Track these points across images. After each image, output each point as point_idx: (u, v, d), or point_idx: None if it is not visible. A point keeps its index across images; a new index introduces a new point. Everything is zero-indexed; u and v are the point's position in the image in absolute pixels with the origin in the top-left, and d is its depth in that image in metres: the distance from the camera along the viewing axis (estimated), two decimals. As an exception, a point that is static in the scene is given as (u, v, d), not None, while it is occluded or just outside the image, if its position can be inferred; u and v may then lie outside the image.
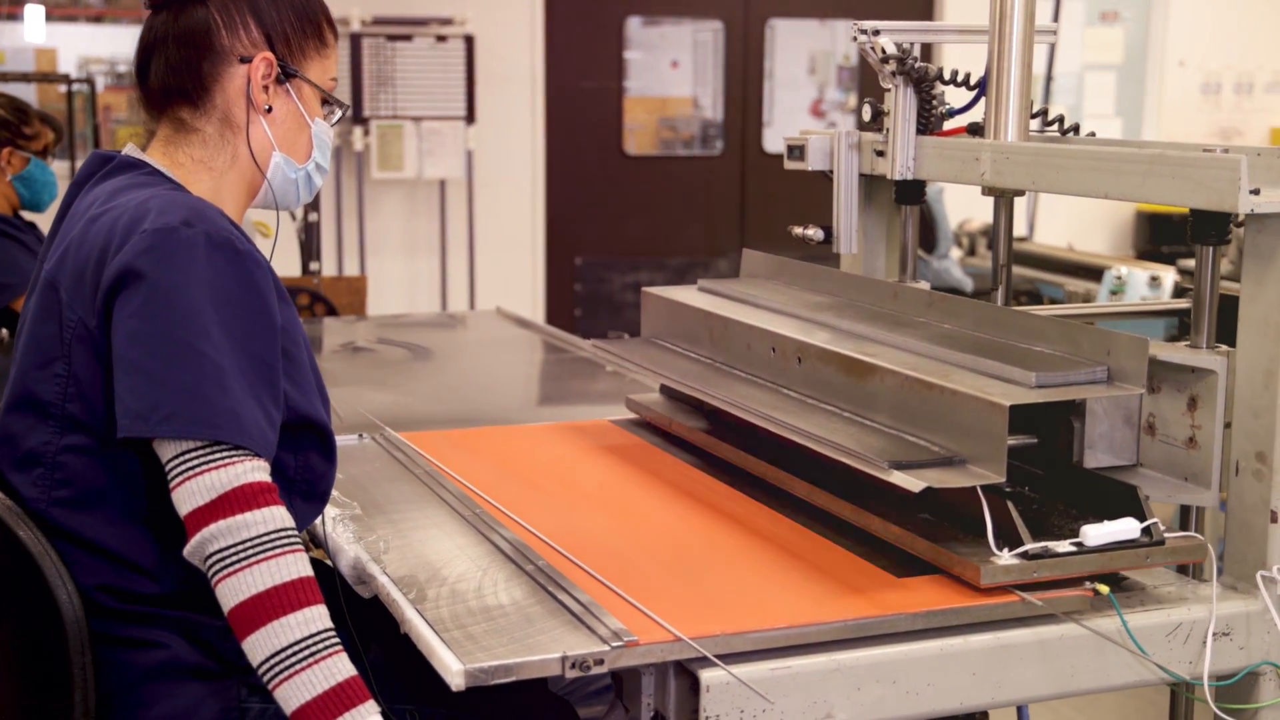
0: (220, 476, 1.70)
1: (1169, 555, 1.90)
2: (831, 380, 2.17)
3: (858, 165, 2.56)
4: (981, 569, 1.81)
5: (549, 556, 1.96)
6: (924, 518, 1.99)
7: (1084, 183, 2.06)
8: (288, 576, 1.69)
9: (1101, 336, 1.98)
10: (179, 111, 1.98)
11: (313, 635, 1.68)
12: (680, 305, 2.62)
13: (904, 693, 1.77)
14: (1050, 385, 1.93)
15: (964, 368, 2.03)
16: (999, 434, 1.85)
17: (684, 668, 1.72)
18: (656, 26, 9.15)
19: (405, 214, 8.01)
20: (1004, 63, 2.28)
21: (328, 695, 1.67)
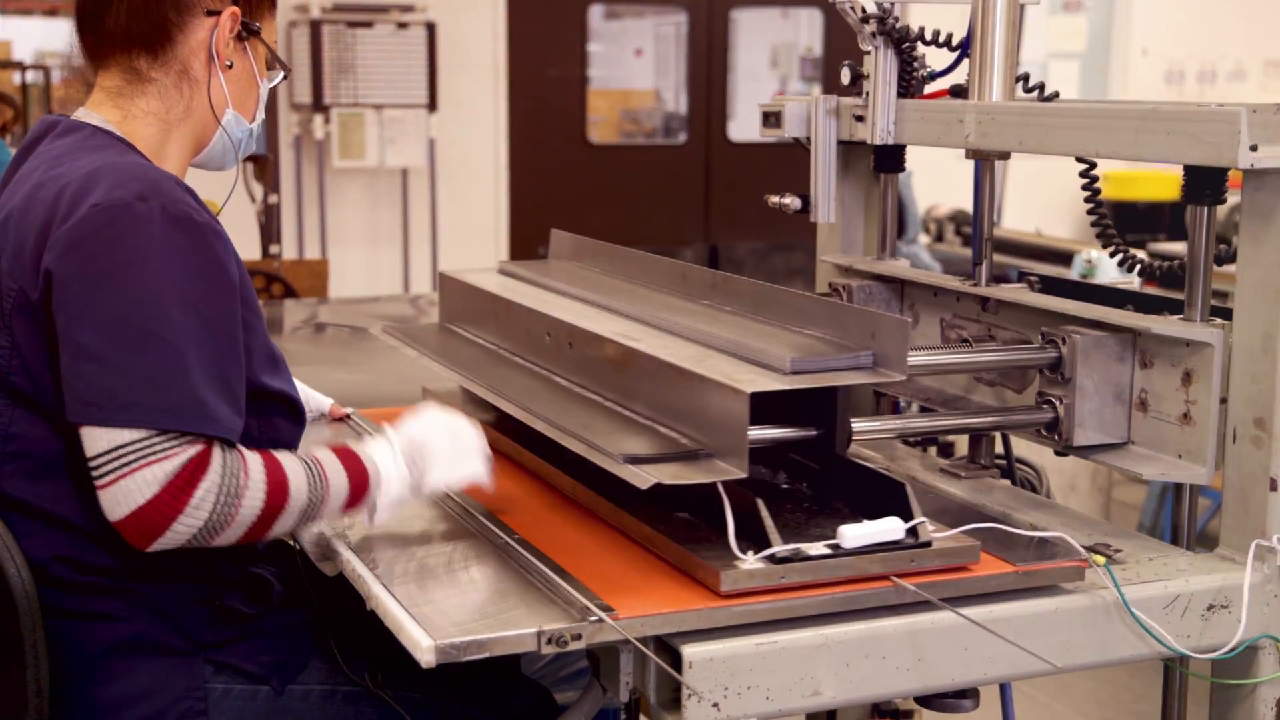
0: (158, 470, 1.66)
1: (935, 558, 1.74)
2: (598, 367, 2.01)
3: (836, 131, 2.48)
4: (722, 574, 1.65)
5: (521, 531, 1.88)
6: (682, 517, 1.84)
7: (1074, 142, 1.99)
8: (257, 506, 1.71)
9: (867, 319, 1.83)
10: (136, 61, 1.90)
11: (308, 495, 1.75)
12: (472, 289, 2.48)
13: (894, 668, 1.69)
14: (806, 371, 1.77)
15: (726, 353, 1.88)
16: (740, 424, 1.69)
17: (665, 643, 1.64)
18: (619, 20, 9.09)
19: (367, 203, 7.92)
20: (989, 21, 2.20)
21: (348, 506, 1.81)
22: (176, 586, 1.82)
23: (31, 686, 1.73)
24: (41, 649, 1.73)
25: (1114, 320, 2.01)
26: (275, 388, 1.88)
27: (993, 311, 2.29)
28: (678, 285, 2.26)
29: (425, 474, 1.84)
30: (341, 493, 1.79)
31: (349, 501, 1.80)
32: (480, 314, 2.45)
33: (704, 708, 1.61)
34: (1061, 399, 2.04)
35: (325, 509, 1.79)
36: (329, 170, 7.72)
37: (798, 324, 1.96)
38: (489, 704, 2.00)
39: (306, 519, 1.78)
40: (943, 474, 2.28)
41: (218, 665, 1.85)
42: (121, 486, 1.65)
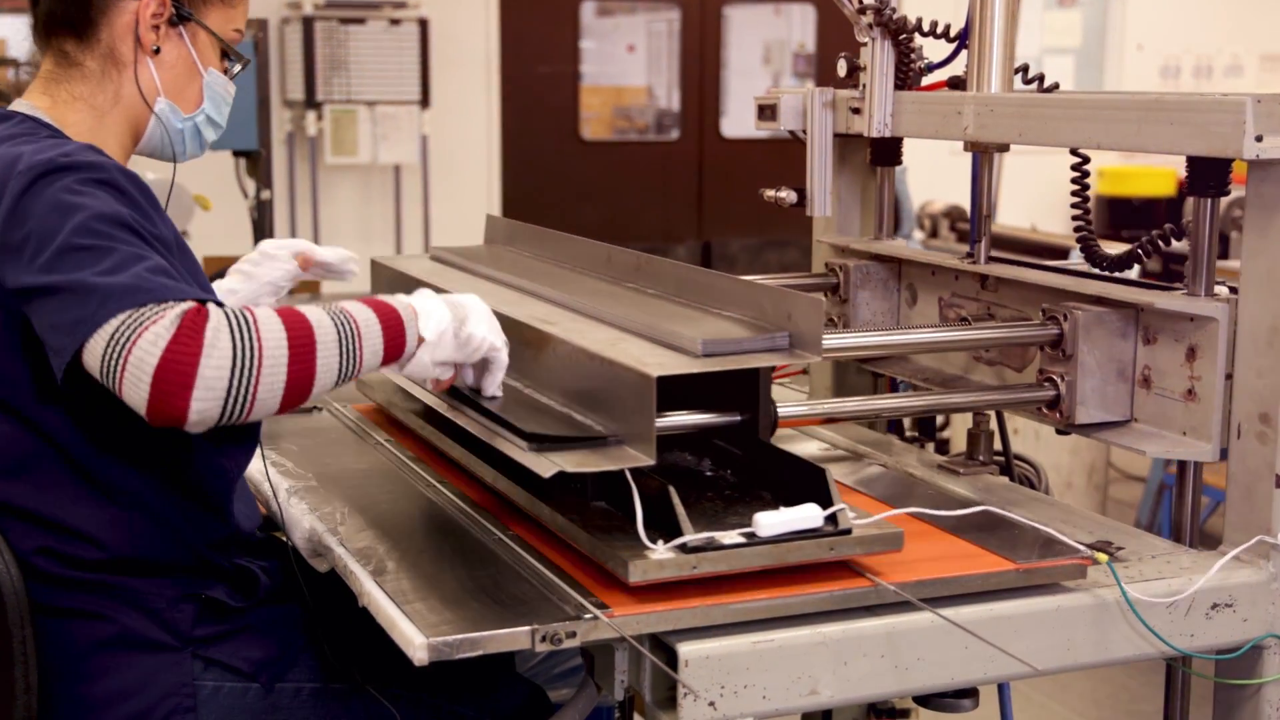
0: (157, 329, 1.53)
1: (856, 546, 1.68)
2: (518, 353, 1.93)
3: (832, 124, 2.45)
4: (630, 564, 1.59)
5: (515, 528, 1.85)
6: (599, 506, 1.78)
7: (1075, 133, 1.96)
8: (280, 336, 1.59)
9: (782, 299, 1.78)
10: (64, 44, 1.87)
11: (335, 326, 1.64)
12: (400, 275, 2.41)
13: (893, 667, 1.66)
14: (719, 354, 1.72)
15: (641, 336, 1.83)
16: (648, 409, 1.64)
17: (660, 642, 1.61)
18: (611, 16, 9.05)
19: (360, 199, 7.89)
20: (987, 11, 2.18)
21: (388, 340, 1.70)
22: (161, 581, 1.80)
23: (20, 684, 1.70)
24: (31, 646, 1.71)
25: (1116, 296, 1.98)
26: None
27: (992, 290, 2.26)
28: (604, 268, 2.22)
29: (467, 319, 1.76)
30: (373, 323, 1.67)
31: (387, 331, 1.68)
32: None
33: (700, 706, 1.58)
34: (1063, 376, 2.00)
35: (363, 341, 1.66)
36: (322, 167, 7.69)
37: (717, 306, 1.91)
38: (482, 702, 1.97)
39: (349, 354, 1.64)
40: (941, 470, 2.25)
41: (206, 661, 1.82)
42: (130, 365, 1.52)
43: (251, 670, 1.84)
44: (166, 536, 1.80)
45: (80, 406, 1.70)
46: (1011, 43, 2.19)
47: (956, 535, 1.86)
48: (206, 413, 1.54)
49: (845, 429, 2.50)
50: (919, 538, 1.84)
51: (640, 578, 1.60)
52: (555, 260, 2.36)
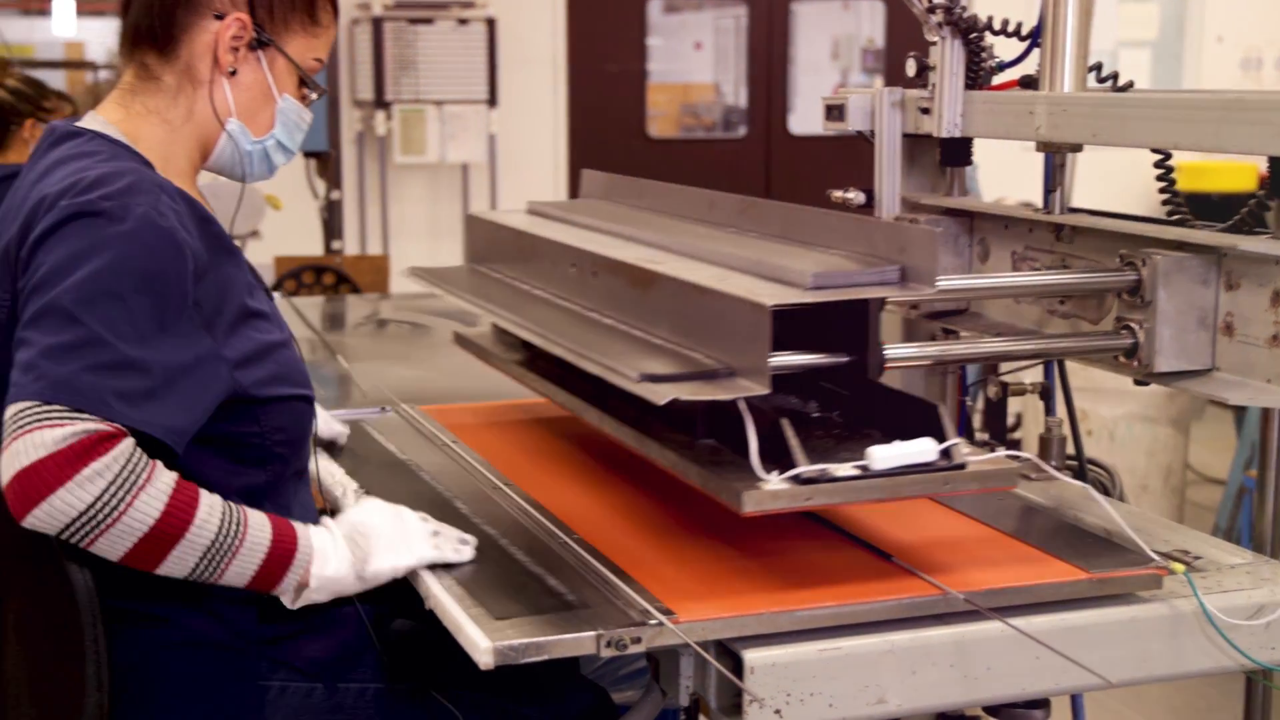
0: (53, 434, 1.58)
1: (971, 481, 1.65)
2: (622, 294, 1.95)
3: (900, 124, 2.42)
4: (744, 495, 1.59)
5: (581, 530, 1.84)
6: (707, 444, 1.77)
7: (1151, 133, 1.92)
8: (152, 514, 1.62)
9: (895, 233, 1.76)
10: (145, 57, 1.89)
11: (216, 536, 1.66)
12: (498, 227, 2.43)
13: (962, 677, 1.64)
14: (828, 286, 1.69)
15: (748, 272, 1.81)
16: (761, 341, 1.62)
17: (726, 648, 1.60)
18: (678, 14, 9.04)
19: (428, 198, 7.92)
20: (1060, 9, 2.14)
21: (262, 571, 1.70)
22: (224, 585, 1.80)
23: (92, 682, 1.71)
24: (103, 645, 1.72)
25: (1197, 240, 1.92)
26: (268, 392, 1.84)
27: (1067, 240, 2.18)
28: (705, 213, 2.20)
29: (369, 558, 1.76)
30: (259, 549, 1.70)
31: (267, 563, 1.70)
32: (506, 252, 2.40)
33: (765, 714, 1.57)
34: (1141, 323, 1.94)
35: (235, 560, 1.68)
36: (391, 166, 7.73)
37: (826, 243, 1.88)
38: (545, 705, 1.96)
39: (211, 563, 1.67)
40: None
41: (272, 662, 1.83)
42: (13, 448, 1.58)
43: (314, 670, 1.85)
44: None
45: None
46: (1085, 41, 2.16)
47: (1027, 543, 1.83)
48: (39, 527, 1.60)
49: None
50: (989, 545, 1.82)
51: (754, 507, 1.59)
52: (655, 208, 2.35)
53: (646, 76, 8.56)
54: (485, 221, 2.48)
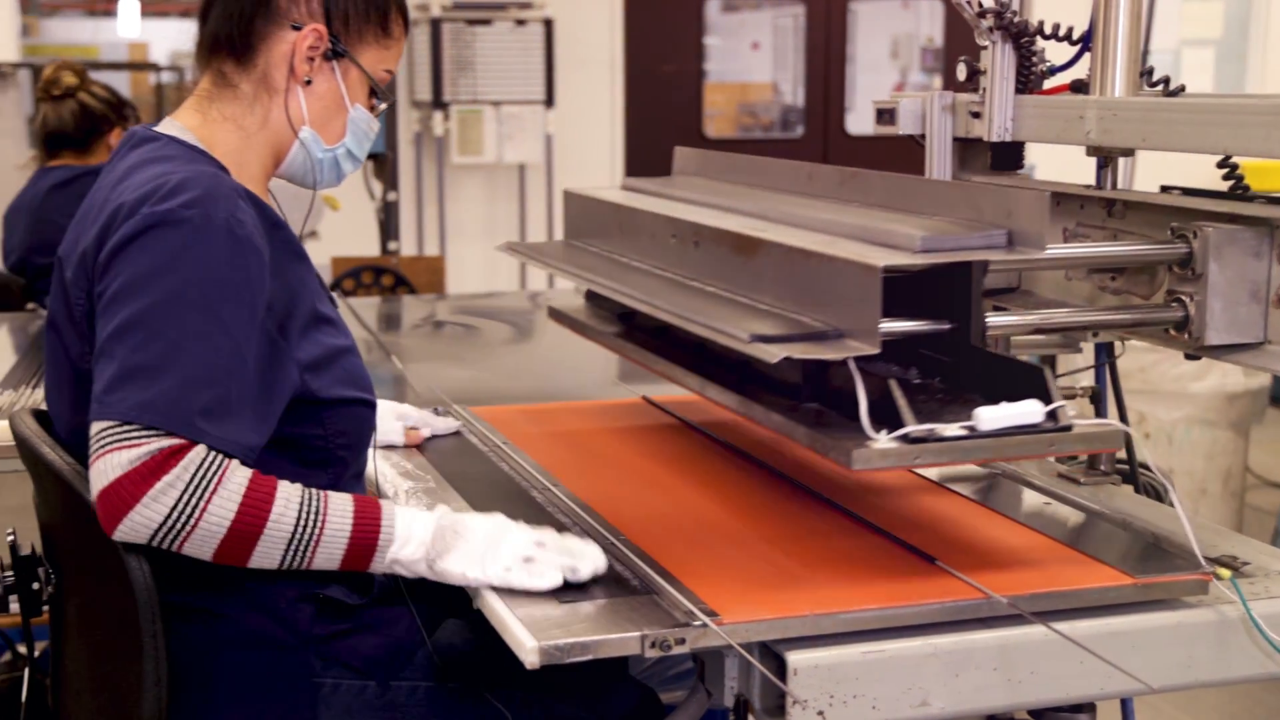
0: (128, 454, 1.66)
1: (1077, 443, 1.66)
2: (725, 262, 1.96)
3: (951, 128, 2.43)
4: (853, 452, 1.60)
5: (628, 533, 1.86)
6: (811, 407, 1.78)
7: (1201, 138, 1.92)
8: (226, 517, 1.68)
9: (1002, 197, 1.75)
10: (223, 65, 1.94)
11: (295, 527, 1.71)
12: (594, 202, 2.45)
13: (1005, 680, 1.65)
14: (937, 249, 1.69)
15: (854, 238, 1.82)
16: (872, 301, 1.63)
17: (770, 649, 1.61)
18: (736, 13, 9.04)
19: (485, 198, 7.97)
20: (1111, 13, 2.14)
21: (349, 556, 1.75)
22: (281, 582, 1.84)
23: (150, 677, 1.75)
24: (161, 641, 1.76)
25: (1249, 212, 1.90)
26: (335, 394, 1.89)
27: (1119, 216, 2.17)
28: (805, 185, 2.22)
29: (445, 554, 1.76)
30: (341, 535, 1.74)
31: (351, 549, 1.75)
32: (604, 226, 2.42)
33: (809, 715, 1.58)
34: (1192, 296, 1.93)
35: (318, 548, 1.73)
36: (448, 166, 7.79)
37: (929, 210, 1.89)
38: (593, 704, 1.98)
39: (298, 553, 1.73)
40: (1061, 479, 2.22)
41: (326, 659, 1.86)
42: (95, 468, 1.66)
43: (368, 667, 1.88)
44: None
45: None
46: (1136, 45, 2.15)
47: (1073, 547, 1.83)
48: (128, 539, 1.68)
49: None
50: (1033, 549, 1.83)
51: (864, 465, 1.61)
52: (752, 182, 2.36)
53: (703, 76, 8.57)
54: (582, 197, 2.51)
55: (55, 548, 1.93)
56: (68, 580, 1.91)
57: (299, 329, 1.84)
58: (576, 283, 2.32)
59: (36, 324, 3.59)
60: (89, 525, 1.71)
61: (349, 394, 1.91)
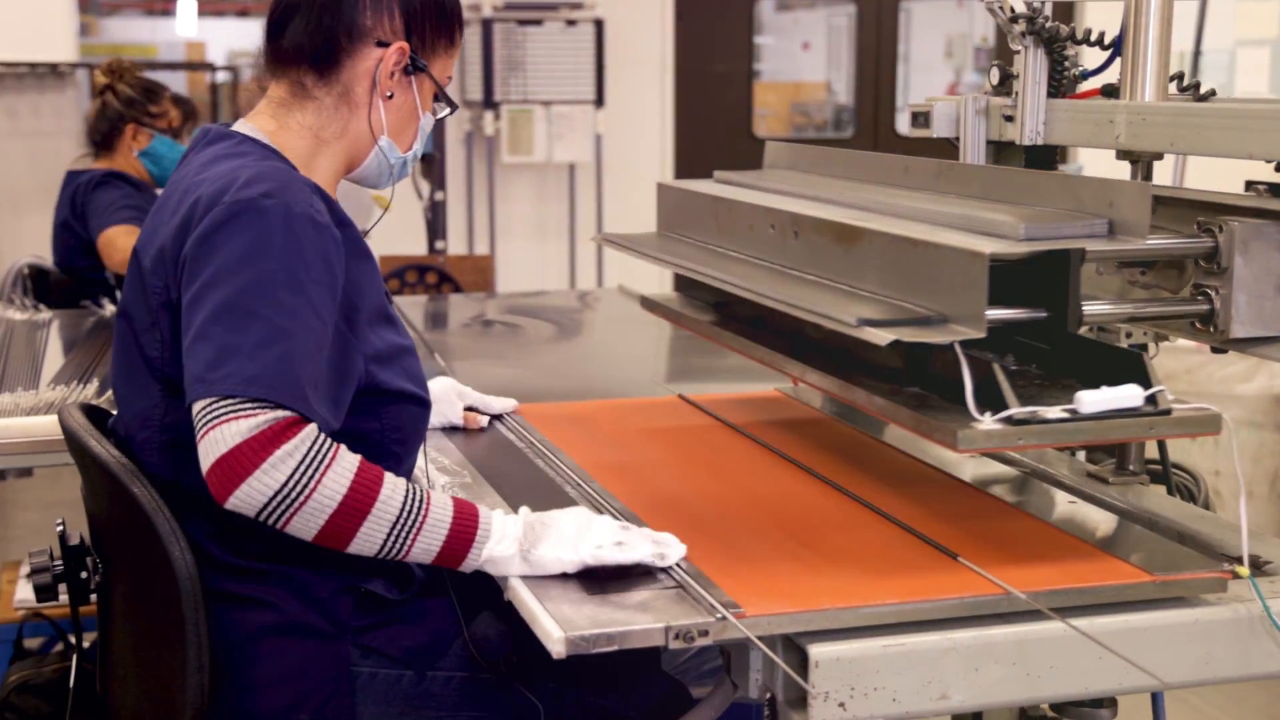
0: (245, 423, 1.70)
1: (1175, 426, 1.71)
2: (826, 251, 2.01)
3: (985, 131, 2.45)
4: (959, 433, 1.66)
5: (655, 527, 1.90)
6: (913, 391, 1.85)
7: (1227, 143, 1.94)
8: (339, 491, 1.72)
9: (1103, 188, 1.81)
10: (303, 76, 1.99)
11: (400, 512, 1.75)
12: (689, 194, 2.50)
13: (1024, 675, 1.68)
14: (1040, 238, 1.75)
15: (955, 227, 1.87)
16: (979, 287, 1.69)
17: (792, 642, 1.65)
18: (790, 12, 9.06)
19: (535, 197, 8.03)
20: (1141, 19, 2.16)
21: (446, 548, 1.78)
22: (325, 573, 1.90)
23: (193, 663, 1.80)
24: (204, 628, 1.81)
25: (1275, 207, 1.92)
26: (397, 386, 1.95)
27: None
28: (900, 178, 2.26)
29: (538, 543, 1.79)
30: (441, 526, 1.78)
31: (450, 540, 1.79)
32: (699, 218, 2.47)
33: (830, 707, 1.62)
34: (1218, 290, 1.94)
35: (418, 537, 1.77)
36: (498, 165, 7.85)
37: (1028, 201, 1.94)
38: (624, 696, 2.03)
39: (398, 540, 1.76)
40: (1089, 478, 2.24)
41: (364, 649, 1.92)
42: (208, 439, 1.70)
43: (405, 657, 1.93)
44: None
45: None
46: (1166, 50, 2.17)
47: (1095, 545, 1.86)
48: (239, 509, 1.72)
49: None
50: (1055, 546, 1.86)
51: (969, 446, 1.68)
52: (847, 175, 2.41)
53: (753, 76, 8.60)
54: (677, 189, 2.56)
55: (102, 538, 1.99)
56: (114, 570, 1.97)
57: (365, 322, 1.91)
58: (674, 272, 2.37)
59: (90, 320, 3.67)
60: (134, 516, 1.78)
61: (408, 389, 1.97)
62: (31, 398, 2.62)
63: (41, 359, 3.09)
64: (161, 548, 1.79)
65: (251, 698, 1.87)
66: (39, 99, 6.67)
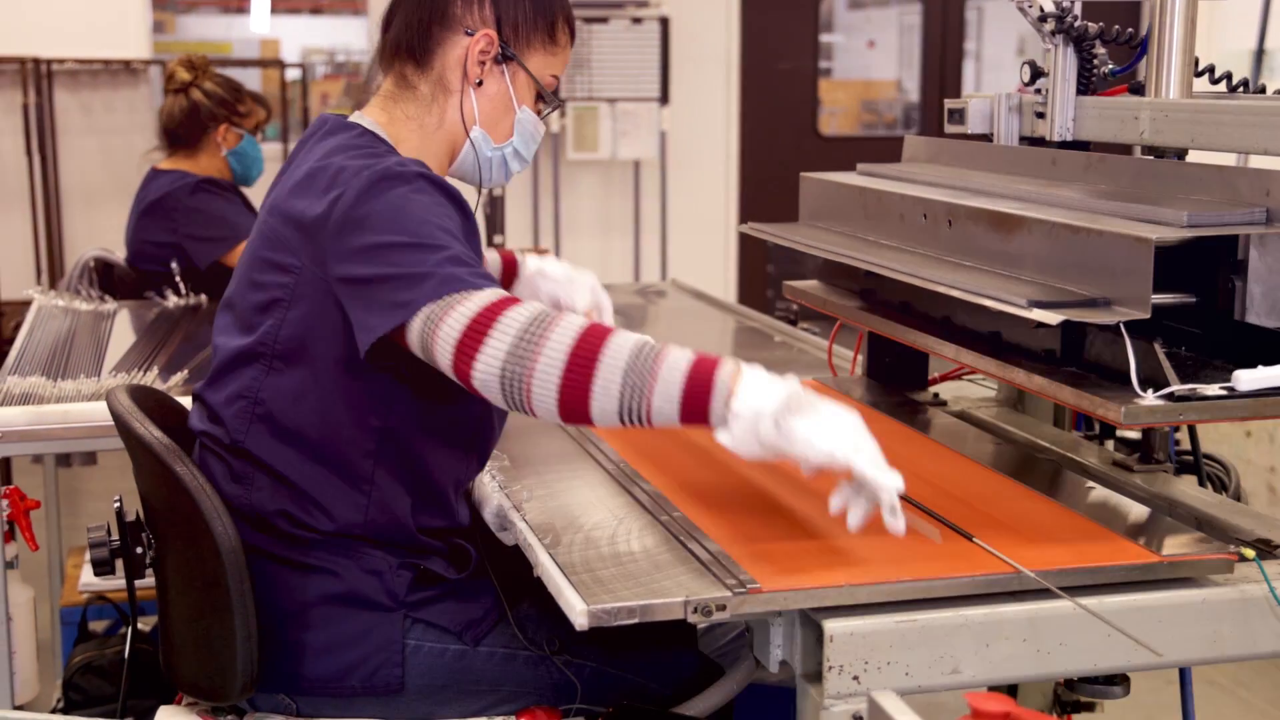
0: (465, 307, 1.78)
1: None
2: (981, 239, 2.10)
3: (1018, 128, 2.51)
4: (1123, 409, 1.76)
5: (685, 508, 1.98)
6: (1069, 371, 1.94)
7: (1244, 139, 1.99)
8: (568, 340, 1.74)
9: (1260, 177, 1.87)
10: (404, 68, 2.10)
11: (630, 356, 1.73)
12: (835, 185, 2.58)
13: (1034, 651, 1.74)
14: (1202, 225, 1.83)
15: (1115, 215, 1.95)
16: (1144, 271, 1.77)
17: (809, 618, 1.72)
18: (863, 9, 9.08)
19: (600, 194, 8.12)
20: (1166, 18, 2.21)
21: (687, 395, 1.72)
22: (388, 550, 2.00)
23: (241, 632, 1.89)
24: (249, 599, 1.91)
25: None
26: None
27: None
28: (1049, 170, 2.32)
29: (795, 413, 1.70)
30: (678, 371, 1.72)
31: (690, 382, 1.72)
32: (845, 208, 2.54)
33: (845, 680, 1.69)
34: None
35: (656, 382, 1.71)
36: (564, 162, 7.95)
37: (1184, 190, 2.02)
38: (657, 673, 2.11)
39: (634, 391, 1.72)
40: (1115, 467, 2.29)
41: (414, 621, 2.01)
42: (441, 334, 1.77)
43: (456, 630, 2.02)
44: (389, 522, 2.01)
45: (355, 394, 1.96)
46: (1190, 49, 2.22)
47: (1108, 527, 1.92)
48: (488, 385, 1.76)
49: (1032, 426, 2.57)
50: (1068, 528, 1.92)
51: (1133, 421, 1.78)
52: (992, 168, 2.47)
53: (818, 74, 8.63)
54: (821, 181, 2.65)
55: (153, 517, 2.09)
56: (164, 545, 2.07)
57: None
58: (826, 256, 2.44)
59: (153, 311, 3.77)
60: (178, 495, 1.87)
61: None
62: (94, 384, 2.72)
63: (105, 348, 3.20)
64: (205, 524, 1.88)
65: (305, 663, 1.97)
66: (113, 95, 6.83)
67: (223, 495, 1.96)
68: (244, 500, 2.00)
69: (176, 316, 3.68)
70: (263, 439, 1.99)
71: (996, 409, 2.71)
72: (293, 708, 2.00)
